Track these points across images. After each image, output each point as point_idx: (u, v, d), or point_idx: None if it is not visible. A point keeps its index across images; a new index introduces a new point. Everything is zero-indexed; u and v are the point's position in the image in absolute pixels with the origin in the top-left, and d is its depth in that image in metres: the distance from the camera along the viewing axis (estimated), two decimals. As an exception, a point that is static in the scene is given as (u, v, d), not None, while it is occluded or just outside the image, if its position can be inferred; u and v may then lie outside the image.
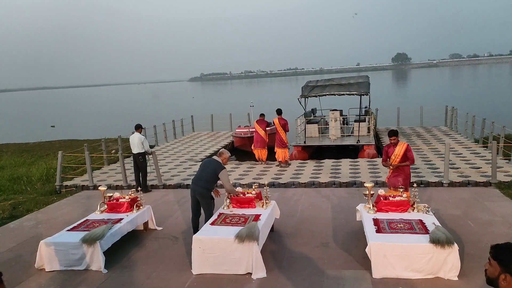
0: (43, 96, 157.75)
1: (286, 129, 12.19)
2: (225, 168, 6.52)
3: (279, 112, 12.34)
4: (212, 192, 6.64)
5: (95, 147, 16.02)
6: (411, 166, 7.21)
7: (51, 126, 36.33)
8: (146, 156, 10.24)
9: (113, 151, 15.82)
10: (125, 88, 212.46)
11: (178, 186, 10.58)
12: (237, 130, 16.98)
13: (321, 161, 12.51)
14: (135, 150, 10.10)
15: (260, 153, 12.61)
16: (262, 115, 12.76)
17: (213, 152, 15.17)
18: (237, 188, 7.24)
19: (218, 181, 6.69)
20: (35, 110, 67.77)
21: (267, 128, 12.63)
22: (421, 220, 5.78)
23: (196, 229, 6.61)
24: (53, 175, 12.34)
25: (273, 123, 12.43)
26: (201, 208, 6.70)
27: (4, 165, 15.36)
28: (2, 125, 42.86)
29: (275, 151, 12.33)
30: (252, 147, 12.75)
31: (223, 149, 7.09)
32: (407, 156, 7.00)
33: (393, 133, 7.03)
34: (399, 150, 6.97)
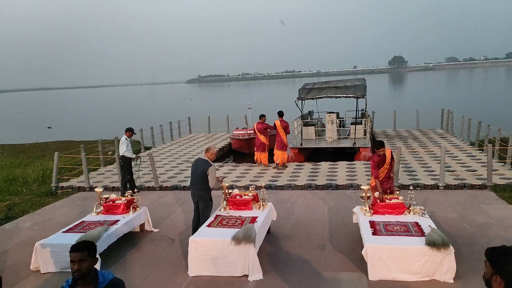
0: (40, 97, 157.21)
1: (287, 131, 12.24)
2: (212, 165, 6.52)
3: (280, 114, 12.36)
4: (211, 192, 6.67)
5: (91, 148, 15.97)
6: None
7: (48, 127, 36.23)
8: (135, 160, 10.04)
9: (110, 153, 15.78)
10: (122, 90, 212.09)
11: (175, 187, 10.57)
12: (234, 132, 16.98)
13: (318, 163, 12.53)
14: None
15: (260, 156, 12.61)
16: (261, 117, 12.72)
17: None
18: (234, 190, 7.25)
19: (220, 177, 6.75)
20: (31, 111, 67.51)
21: (268, 130, 12.61)
22: (417, 223, 5.81)
23: (195, 229, 6.64)
24: (49, 176, 12.30)
25: (274, 125, 12.43)
26: None
27: (0, 166, 15.29)
28: (-2, 126, 42.67)
29: (274, 153, 12.33)
30: (254, 150, 12.79)
31: (210, 145, 7.08)
32: (392, 158, 6.98)
33: (381, 145, 6.76)
34: (388, 158, 6.86)
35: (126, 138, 9.76)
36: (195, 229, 6.63)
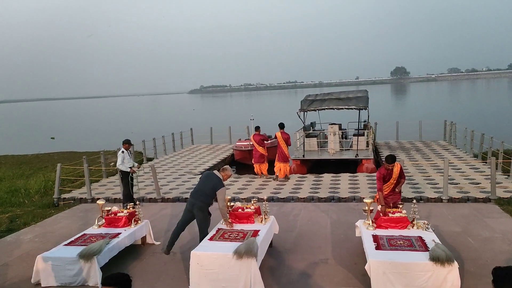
0: (43, 107, 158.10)
1: (288, 143, 12.22)
2: (224, 186, 6.47)
3: (281, 126, 12.37)
4: (209, 208, 6.61)
5: (94, 159, 16.01)
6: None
7: (51, 138, 36.35)
8: (133, 172, 9.89)
9: (112, 164, 15.78)
10: (124, 100, 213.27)
11: (177, 199, 10.54)
12: (237, 143, 17.01)
13: (320, 175, 12.50)
14: None
15: (260, 167, 12.61)
16: (256, 128, 12.80)
17: (212, 165, 15.16)
18: (236, 203, 7.22)
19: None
20: (34, 122, 67.86)
21: (265, 142, 12.64)
22: (420, 237, 5.75)
23: (172, 242, 6.54)
24: (51, 187, 12.29)
25: (276, 137, 12.45)
26: (186, 226, 6.61)
27: (2, 177, 15.31)
28: (1, 136, 42.84)
29: (275, 164, 12.30)
30: (253, 162, 12.79)
31: (227, 166, 7.02)
32: (401, 175, 6.94)
33: (393, 160, 6.68)
34: (396, 173, 6.83)
35: (122, 151, 9.66)
36: (171, 242, 6.54)
